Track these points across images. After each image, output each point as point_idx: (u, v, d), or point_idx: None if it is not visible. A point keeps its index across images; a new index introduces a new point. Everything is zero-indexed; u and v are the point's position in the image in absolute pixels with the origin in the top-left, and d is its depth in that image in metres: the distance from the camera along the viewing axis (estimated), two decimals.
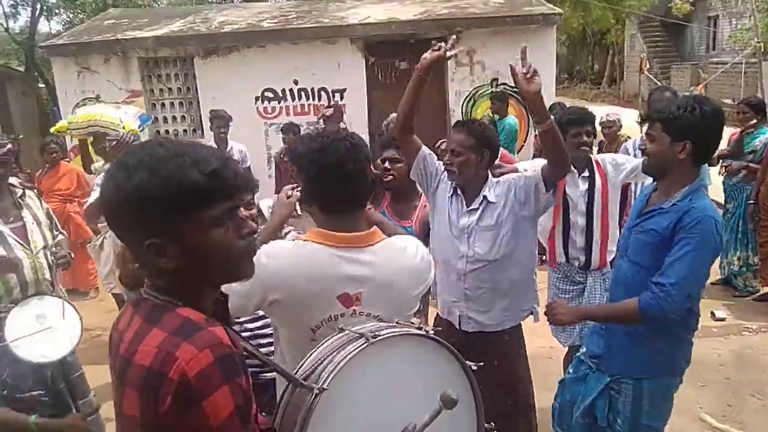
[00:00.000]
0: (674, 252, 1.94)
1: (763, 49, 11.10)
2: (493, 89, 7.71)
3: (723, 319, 4.87)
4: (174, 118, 8.03)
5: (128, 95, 7.82)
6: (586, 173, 3.26)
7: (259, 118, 7.69)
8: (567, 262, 3.38)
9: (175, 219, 1.03)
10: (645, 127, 2.19)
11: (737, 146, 5.12)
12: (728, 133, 5.49)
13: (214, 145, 6.13)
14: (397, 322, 1.44)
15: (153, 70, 7.91)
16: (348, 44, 7.64)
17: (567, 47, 32.05)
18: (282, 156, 6.59)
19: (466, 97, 7.79)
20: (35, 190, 3.29)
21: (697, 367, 4.11)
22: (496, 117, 6.50)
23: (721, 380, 3.97)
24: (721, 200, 5.54)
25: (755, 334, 4.64)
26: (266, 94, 7.75)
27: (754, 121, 5.02)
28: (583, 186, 3.26)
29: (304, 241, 1.60)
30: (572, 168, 3.16)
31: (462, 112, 7.80)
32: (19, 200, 2.95)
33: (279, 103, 7.77)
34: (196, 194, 1.03)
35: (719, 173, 5.15)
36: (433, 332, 1.42)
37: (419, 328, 1.41)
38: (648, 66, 13.31)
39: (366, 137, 7.50)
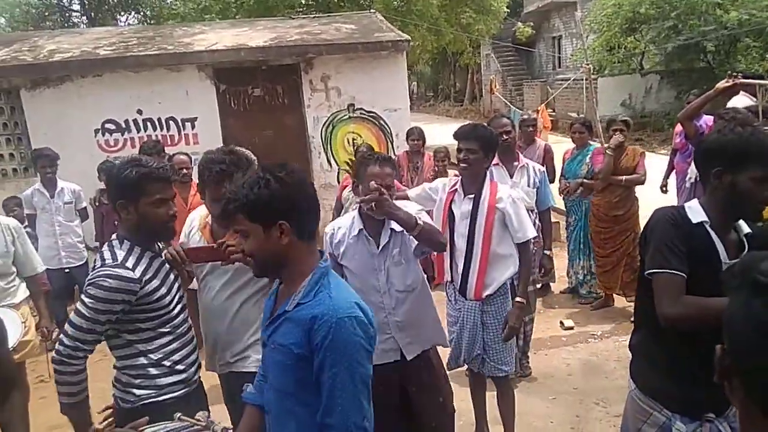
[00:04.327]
0: (324, 380, 1.56)
1: (592, 70, 12.16)
2: (351, 114, 7.72)
3: (571, 328, 5.10)
4: (1, 156, 7.18)
5: None
6: (471, 194, 3.06)
7: (100, 152, 7.05)
8: (451, 282, 3.21)
9: None
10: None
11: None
12: (563, 149, 5.86)
13: (42, 187, 5.50)
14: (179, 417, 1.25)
15: None
16: (195, 71, 7.28)
17: (431, 66, 33.39)
18: (101, 198, 5.77)
19: (325, 122, 7.71)
20: None
21: (548, 380, 4.29)
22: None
23: (570, 390, 4.10)
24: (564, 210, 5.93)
25: (600, 341, 4.86)
26: (107, 125, 7.15)
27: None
28: (467, 207, 3.07)
29: None
30: (461, 189, 3.12)
31: (321, 138, 7.71)
32: None
33: (122, 134, 7.21)
34: None
35: (559, 192, 5.45)
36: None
37: (207, 428, 1.24)
38: (497, 87, 14.20)
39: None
